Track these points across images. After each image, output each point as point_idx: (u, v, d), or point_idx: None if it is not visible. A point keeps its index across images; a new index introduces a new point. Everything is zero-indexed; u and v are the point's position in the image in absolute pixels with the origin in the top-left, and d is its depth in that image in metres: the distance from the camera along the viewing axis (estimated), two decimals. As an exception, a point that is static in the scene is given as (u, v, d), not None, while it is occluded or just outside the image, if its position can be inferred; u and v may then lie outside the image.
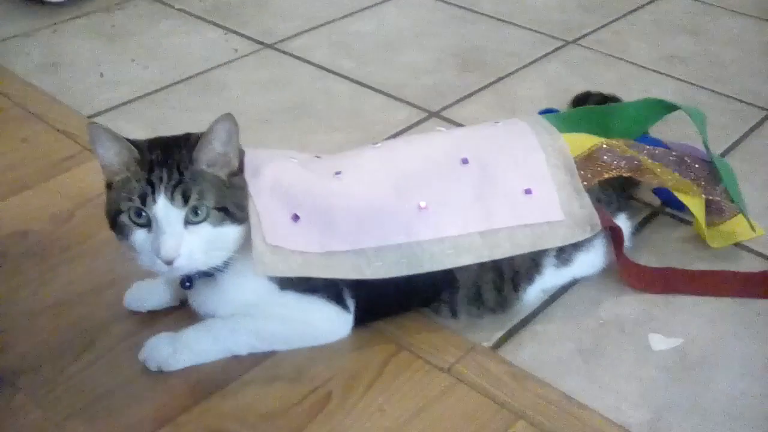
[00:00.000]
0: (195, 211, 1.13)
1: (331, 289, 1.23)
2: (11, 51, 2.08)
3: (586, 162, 1.34)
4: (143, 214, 1.12)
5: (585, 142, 1.37)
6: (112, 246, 1.21)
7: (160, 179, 1.12)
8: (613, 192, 1.39)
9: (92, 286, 1.36)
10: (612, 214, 1.35)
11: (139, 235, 1.13)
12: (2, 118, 1.82)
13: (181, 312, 1.29)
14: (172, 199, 1.12)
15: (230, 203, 1.15)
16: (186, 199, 1.12)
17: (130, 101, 1.89)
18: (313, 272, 1.18)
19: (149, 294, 1.31)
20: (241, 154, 1.20)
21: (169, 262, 1.12)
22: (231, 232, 1.15)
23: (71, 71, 2.00)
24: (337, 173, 1.25)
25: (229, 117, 1.14)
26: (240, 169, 1.19)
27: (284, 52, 2.10)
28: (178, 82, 1.96)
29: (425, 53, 2.09)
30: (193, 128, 1.22)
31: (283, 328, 1.24)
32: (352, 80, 1.97)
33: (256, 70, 2.02)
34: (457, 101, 1.89)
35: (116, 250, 1.22)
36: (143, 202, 1.12)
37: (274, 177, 1.21)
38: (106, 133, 1.13)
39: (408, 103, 1.88)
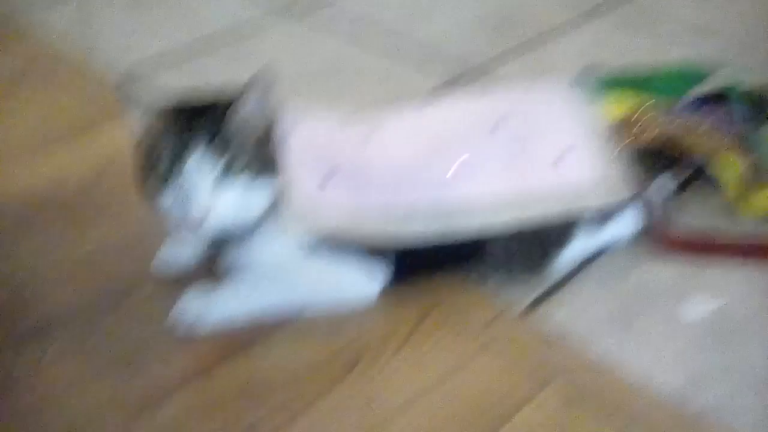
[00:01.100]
0: (226, 171, 1.12)
1: (361, 251, 1.22)
2: (44, 7, 2.07)
3: (622, 126, 1.32)
4: (173, 174, 1.12)
5: (621, 106, 1.35)
6: (141, 204, 1.20)
7: (190, 139, 1.11)
8: (651, 155, 1.36)
9: (125, 242, 1.36)
10: (648, 178, 1.33)
11: (170, 196, 1.13)
12: (34, 72, 1.82)
13: (210, 272, 1.28)
14: (202, 159, 1.11)
15: (263, 161, 1.14)
16: (217, 159, 1.11)
17: (163, 56, 1.87)
18: (344, 234, 1.18)
19: (178, 253, 1.31)
20: (275, 110, 1.19)
21: (199, 223, 1.11)
22: (262, 192, 1.15)
23: (104, 27, 1.99)
24: (371, 134, 1.24)
25: (265, 74, 1.13)
26: (274, 126, 1.18)
27: (310, 20, 2.07)
28: (209, 38, 1.95)
29: (457, 17, 2.06)
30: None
31: (311, 290, 1.23)
32: (382, 45, 1.95)
33: (288, 30, 2.00)
34: (489, 67, 1.86)
35: (145, 208, 1.21)
36: (173, 162, 1.11)
37: (308, 135, 1.20)
38: (139, 92, 1.13)
39: (439, 68, 1.86)
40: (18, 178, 1.52)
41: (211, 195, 1.11)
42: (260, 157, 1.15)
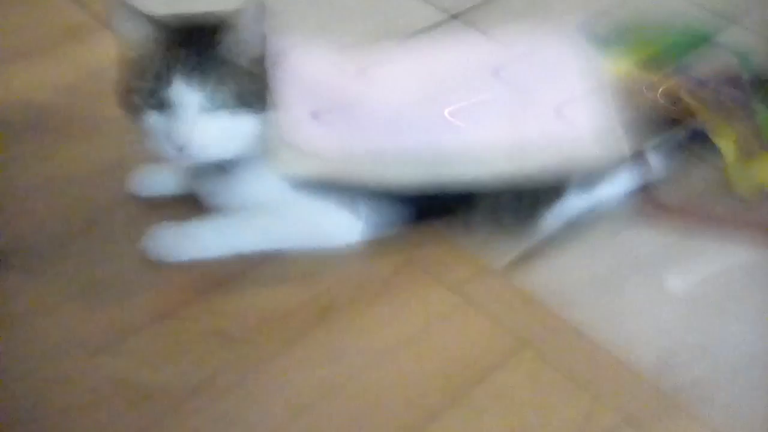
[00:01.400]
0: (212, 96, 1.06)
1: (344, 193, 1.18)
2: None
3: (624, 84, 1.28)
4: (157, 95, 1.06)
5: (625, 63, 1.32)
6: (120, 124, 1.14)
7: (178, 60, 1.06)
8: (649, 117, 1.32)
9: (96, 165, 1.31)
10: (644, 141, 1.29)
11: (152, 118, 1.08)
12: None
13: (187, 202, 1.23)
14: (188, 82, 1.05)
15: (250, 92, 1.09)
16: (204, 84, 1.06)
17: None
18: (330, 175, 1.14)
19: (156, 180, 1.26)
20: (267, 38, 1.13)
21: (181, 149, 1.07)
22: (248, 123, 1.10)
23: None
24: (363, 71, 1.19)
25: (256, 6, 1.08)
26: (265, 54, 1.12)
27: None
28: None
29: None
30: (210, 6, 1.14)
31: (291, 229, 1.19)
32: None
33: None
34: (483, 4, 1.79)
35: (124, 129, 1.15)
36: (158, 82, 1.06)
37: (296, 68, 1.15)
38: (126, 6, 1.07)
39: (429, 2, 1.79)
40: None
41: (195, 121, 1.06)
42: (249, 84, 1.10)
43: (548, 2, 1.81)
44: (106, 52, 1.16)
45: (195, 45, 1.07)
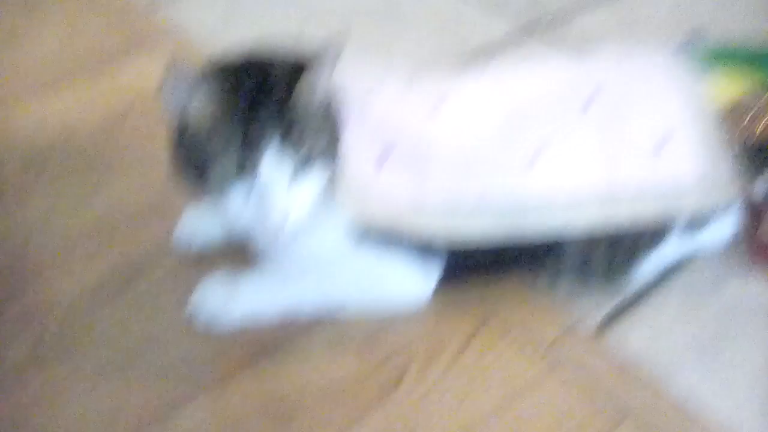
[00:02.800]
0: (304, 158, 0.95)
1: (415, 246, 1.06)
2: None
3: (731, 112, 1.16)
4: (242, 170, 0.94)
5: (732, 87, 1.20)
6: (162, 162, 1.02)
7: (262, 131, 0.93)
8: (753, 149, 1.18)
9: (137, 209, 1.22)
10: (751, 176, 1.15)
11: (237, 195, 0.95)
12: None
13: (237, 250, 1.13)
14: (281, 154, 0.93)
15: (331, 141, 0.98)
16: (296, 148, 0.94)
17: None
18: (400, 226, 1.03)
19: (201, 227, 1.16)
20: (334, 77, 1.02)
21: (275, 222, 0.95)
22: (326, 175, 0.99)
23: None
24: (435, 107, 1.08)
25: (340, 41, 0.96)
26: (331, 97, 1.01)
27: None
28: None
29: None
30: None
31: (354, 286, 1.09)
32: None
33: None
34: (566, 17, 1.67)
35: (166, 167, 1.03)
36: (244, 159, 0.93)
37: (361, 105, 1.04)
38: (183, 81, 0.93)
39: (509, 14, 1.68)
40: (27, 118, 1.38)
41: (287, 190, 0.95)
42: (331, 131, 0.99)
43: (635, 16, 1.68)
44: (150, 78, 1.04)
45: (274, 106, 0.94)
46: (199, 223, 1.16)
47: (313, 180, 0.97)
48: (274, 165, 0.93)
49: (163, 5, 1.63)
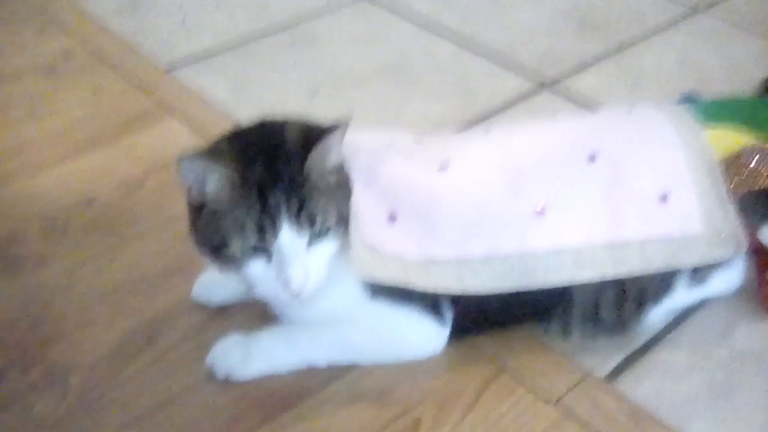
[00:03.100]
0: (320, 230, 0.98)
1: (427, 299, 1.07)
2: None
3: (732, 165, 1.14)
4: (260, 245, 0.97)
5: (731, 140, 1.17)
6: (184, 223, 1.05)
7: (278, 206, 0.95)
8: (758, 197, 1.18)
9: (158, 269, 1.23)
10: (756, 226, 1.15)
11: (256, 266, 0.98)
12: (72, 66, 1.69)
13: (254, 308, 1.13)
14: (298, 226, 0.96)
15: (346, 208, 1.00)
16: (311, 222, 0.96)
17: (211, 53, 1.74)
18: (412, 281, 1.03)
19: (220, 285, 1.17)
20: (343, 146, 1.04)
21: (298, 293, 0.97)
22: (341, 238, 1.01)
23: (151, 16, 1.87)
24: (442, 166, 1.08)
25: (346, 126, 0.98)
26: (342, 164, 1.03)
27: (382, 5, 1.92)
28: (265, 34, 1.81)
29: (539, 11, 1.89)
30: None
31: (369, 340, 1.10)
32: (456, 40, 1.79)
33: (350, 24, 1.86)
34: (574, 71, 1.69)
35: (185, 228, 1.05)
36: (262, 235, 0.96)
37: (370, 168, 1.05)
38: (198, 164, 0.96)
39: (518, 71, 1.70)
40: (49, 183, 1.40)
41: (306, 261, 0.97)
42: (343, 201, 1.01)
43: (642, 68, 1.71)
44: (171, 141, 1.08)
45: (287, 181, 0.96)
46: (217, 280, 1.16)
47: (329, 245, 0.99)
48: (291, 237, 0.95)
49: (183, 72, 1.66)
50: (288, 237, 0.96)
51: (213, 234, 0.98)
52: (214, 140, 1.02)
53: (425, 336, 1.10)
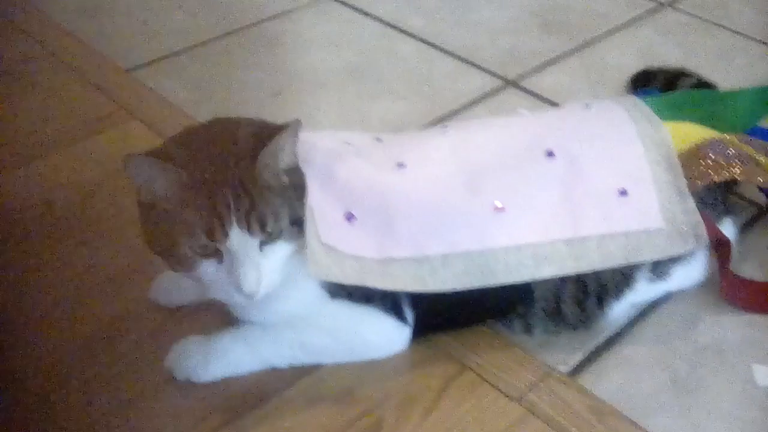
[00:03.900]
0: (272, 231, 0.96)
1: (387, 298, 1.06)
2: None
3: (690, 159, 1.15)
4: (211, 247, 0.95)
5: (690, 134, 1.18)
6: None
7: (228, 206, 0.93)
8: (717, 191, 1.19)
9: (117, 271, 1.21)
10: (716, 219, 1.16)
11: (208, 267, 0.97)
12: (32, 68, 1.67)
13: (213, 309, 1.12)
14: (248, 229, 0.94)
15: (301, 208, 0.98)
16: (262, 223, 0.94)
17: (174, 54, 1.73)
18: (370, 281, 1.02)
19: (179, 287, 1.15)
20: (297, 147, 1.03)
21: (250, 295, 0.96)
22: (298, 240, 0.99)
23: (112, 17, 1.85)
24: (400, 164, 1.08)
25: (297, 126, 0.97)
26: (297, 164, 1.01)
27: (346, 5, 1.91)
28: (227, 34, 1.80)
29: (503, 11, 1.89)
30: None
31: (331, 340, 1.08)
32: (419, 39, 1.78)
33: (313, 24, 1.84)
34: (538, 68, 1.69)
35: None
36: (211, 236, 0.94)
37: (327, 167, 1.04)
38: (146, 164, 0.94)
39: (482, 68, 1.70)
40: (6, 188, 1.38)
41: (259, 263, 0.96)
42: (296, 201, 0.98)
43: (606, 64, 1.71)
44: (132, 143, 1.07)
45: (237, 182, 0.94)
46: (175, 281, 1.14)
47: (283, 246, 0.97)
48: (241, 239, 0.94)
49: (144, 73, 1.64)
50: (238, 238, 0.94)
51: (164, 234, 0.96)
52: (166, 140, 1.01)
53: (387, 335, 1.09)
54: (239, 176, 0.94)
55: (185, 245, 0.95)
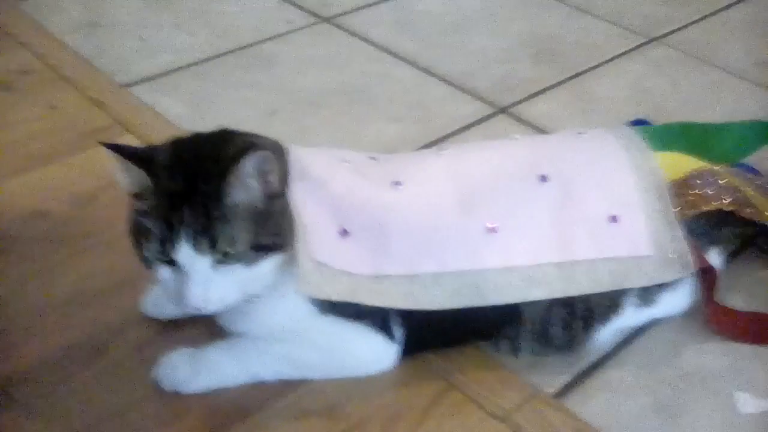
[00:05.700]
0: (224, 255, 0.96)
1: (377, 316, 1.07)
2: (47, 6, 1.95)
3: (680, 188, 1.16)
4: (165, 253, 0.96)
5: (680, 164, 1.20)
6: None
7: (181, 221, 0.94)
8: (705, 220, 1.20)
9: (109, 282, 1.22)
10: (703, 248, 1.17)
11: (164, 272, 0.98)
12: (30, 80, 1.68)
13: (203, 323, 1.12)
14: (195, 246, 0.95)
15: (268, 236, 0.98)
16: (213, 245, 0.95)
17: (170, 71, 1.74)
18: (362, 297, 1.03)
19: (169, 300, 1.15)
20: (286, 153, 1.05)
21: (199, 308, 0.97)
22: (269, 265, 0.99)
23: (110, 33, 1.86)
24: (395, 183, 1.09)
25: (257, 155, 0.96)
26: (283, 189, 1.02)
27: (342, 28, 1.94)
28: (224, 54, 1.82)
29: (496, 39, 1.91)
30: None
31: (319, 356, 1.09)
32: (414, 65, 1.81)
33: (309, 46, 1.87)
34: (529, 97, 1.71)
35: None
36: (163, 245, 0.95)
37: (322, 183, 1.05)
38: (116, 157, 0.97)
39: (475, 95, 1.71)
40: (1, 199, 1.38)
41: (208, 281, 0.96)
42: (266, 228, 0.99)
43: (596, 95, 1.73)
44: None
45: (199, 198, 0.95)
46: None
47: (241, 270, 0.97)
48: (190, 256, 0.95)
49: (141, 89, 1.66)
50: (186, 255, 0.95)
51: (134, 229, 0.99)
52: (167, 139, 1.03)
53: (375, 352, 1.09)
54: (203, 193, 0.95)
55: (146, 247, 0.97)
